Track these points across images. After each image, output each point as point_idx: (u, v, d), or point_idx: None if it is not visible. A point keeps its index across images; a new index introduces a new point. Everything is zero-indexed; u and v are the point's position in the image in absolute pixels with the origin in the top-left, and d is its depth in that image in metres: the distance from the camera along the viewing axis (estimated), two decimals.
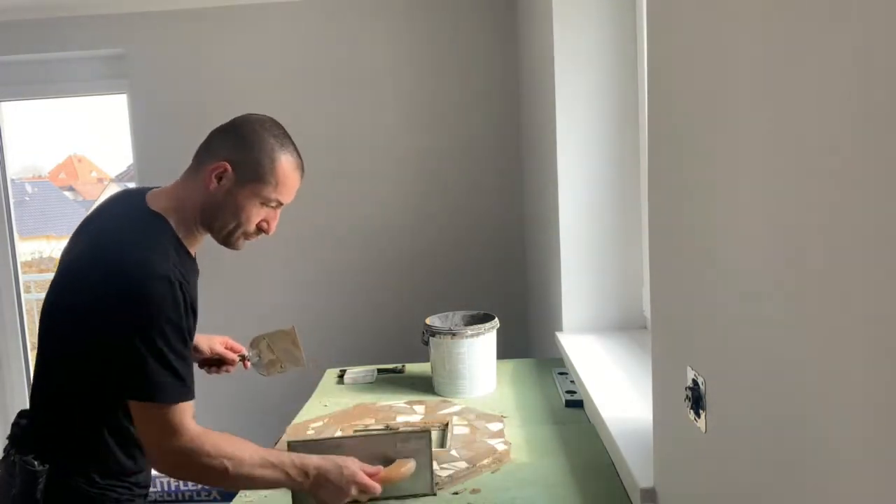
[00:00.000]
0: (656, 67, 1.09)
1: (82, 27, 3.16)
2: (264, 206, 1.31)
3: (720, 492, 0.89)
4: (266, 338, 1.69)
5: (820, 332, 0.62)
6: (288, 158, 1.30)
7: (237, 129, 1.31)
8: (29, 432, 1.28)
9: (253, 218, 1.31)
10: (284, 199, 1.33)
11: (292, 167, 1.31)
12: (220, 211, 1.29)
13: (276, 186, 1.29)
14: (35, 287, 5.35)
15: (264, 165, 1.27)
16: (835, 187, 0.59)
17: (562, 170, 2.02)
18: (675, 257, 1.04)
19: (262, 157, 1.27)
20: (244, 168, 1.27)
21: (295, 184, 1.33)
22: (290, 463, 1.21)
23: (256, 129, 1.30)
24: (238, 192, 1.28)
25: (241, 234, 1.33)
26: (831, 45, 0.58)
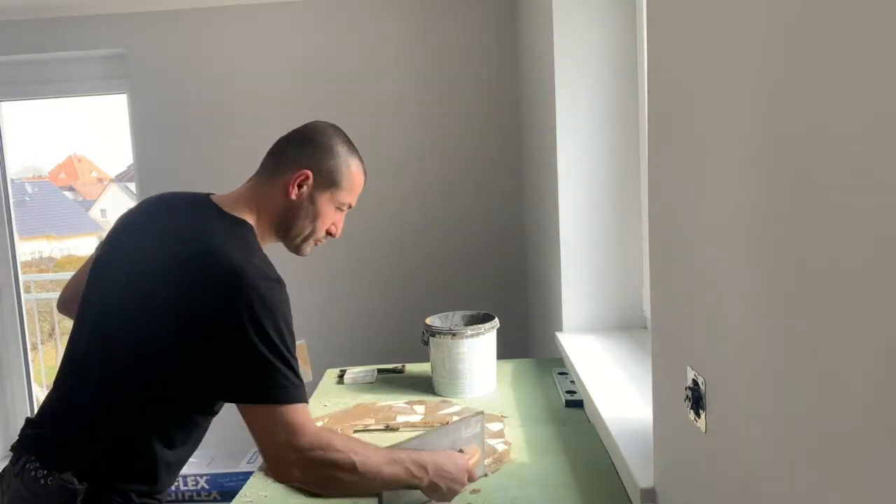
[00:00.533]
0: (656, 67, 1.09)
1: (82, 27, 3.16)
2: (338, 210, 1.37)
3: (720, 492, 0.89)
4: None
5: (820, 331, 0.62)
6: (357, 163, 1.38)
7: (313, 138, 1.35)
8: (65, 447, 1.17)
9: (327, 223, 1.37)
10: (353, 203, 1.40)
11: (360, 171, 1.39)
12: (299, 218, 1.33)
13: (350, 191, 1.36)
14: (35, 287, 5.35)
15: (341, 171, 1.34)
16: (835, 187, 0.59)
17: (562, 170, 2.02)
18: (675, 257, 1.04)
19: (339, 163, 1.34)
20: (324, 175, 1.32)
21: (361, 186, 1.40)
22: (409, 459, 1.19)
23: (331, 135, 1.36)
24: (318, 198, 1.33)
25: (313, 240, 1.38)
26: (831, 46, 0.58)
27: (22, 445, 1.22)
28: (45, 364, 5.24)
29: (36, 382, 3.80)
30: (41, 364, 4.92)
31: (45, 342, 5.82)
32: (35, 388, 3.73)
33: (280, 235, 1.35)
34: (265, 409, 1.13)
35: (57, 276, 8.71)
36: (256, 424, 1.14)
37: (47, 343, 6.06)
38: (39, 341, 4.45)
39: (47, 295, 5.19)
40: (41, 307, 5.20)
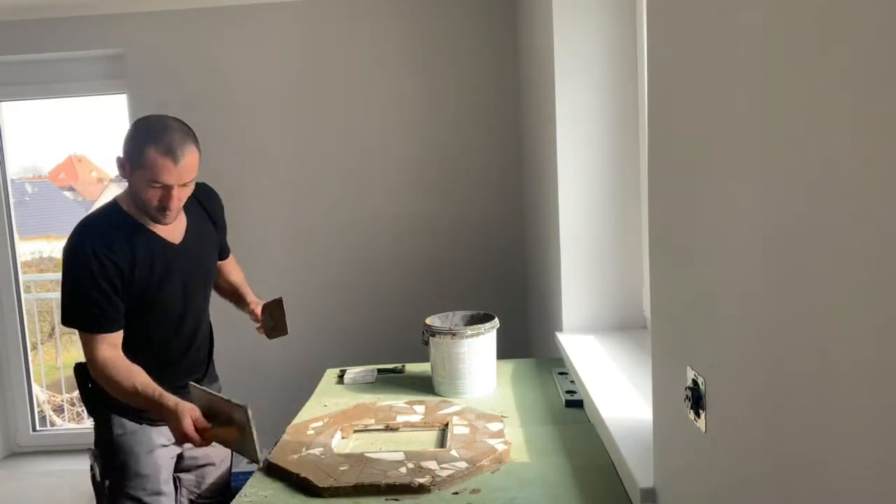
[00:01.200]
0: (656, 68, 1.09)
1: (82, 27, 3.16)
2: (152, 188, 1.58)
3: (720, 492, 0.89)
4: (268, 306, 2.01)
5: (819, 331, 0.62)
6: (156, 146, 1.56)
7: (129, 128, 1.64)
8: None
9: (150, 198, 1.60)
10: (164, 181, 1.58)
11: (159, 154, 1.56)
12: (134, 195, 1.63)
13: (150, 169, 1.56)
14: (35, 287, 5.35)
15: (138, 155, 1.58)
16: (835, 187, 0.59)
17: (562, 170, 2.02)
18: (675, 257, 1.04)
19: (136, 148, 1.58)
20: (130, 159, 1.59)
21: (165, 167, 1.57)
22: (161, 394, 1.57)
23: (137, 126, 1.62)
24: (132, 179, 1.61)
25: (151, 212, 1.62)
26: (832, 45, 0.58)
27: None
28: (45, 364, 5.24)
29: (36, 382, 3.80)
30: (41, 364, 4.92)
31: (45, 342, 5.82)
32: (35, 388, 3.73)
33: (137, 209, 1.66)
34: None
35: (57, 275, 8.71)
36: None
37: (47, 343, 6.06)
38: (39, 341, 4.45)
39: (47, 295, 5.19)
40: (41, 307, 5.21)
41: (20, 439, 3.57)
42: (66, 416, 5.30)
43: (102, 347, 1.61)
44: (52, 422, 5.25)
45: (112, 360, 1.61)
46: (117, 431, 1.71)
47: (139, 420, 1.71)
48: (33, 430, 3.59)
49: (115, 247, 1.61)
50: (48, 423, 5.00)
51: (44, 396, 5.08)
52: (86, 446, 1.75)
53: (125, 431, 1.71)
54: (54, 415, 5.45)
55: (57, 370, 5.07)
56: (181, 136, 1.60)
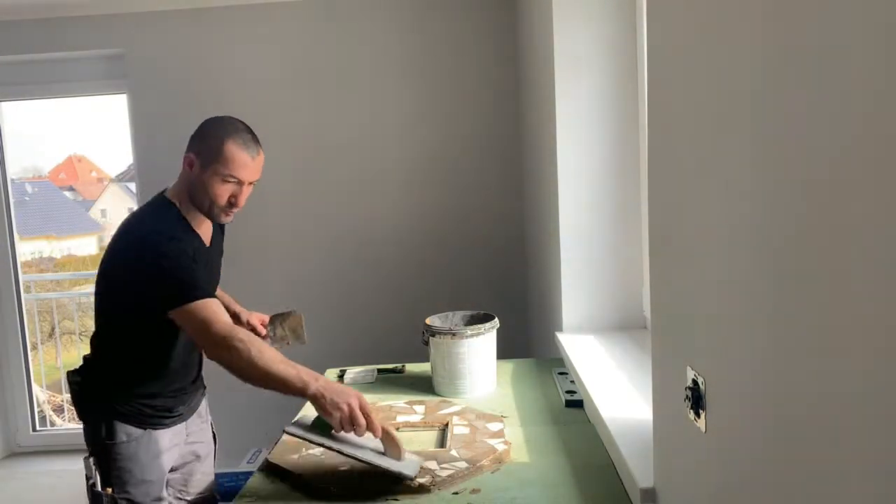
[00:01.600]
0: (656, 68, 1.09)
1: (82, 27, 3.16)
2: (226, 182, 1.62)
3: (720, 492, 0.89)
4: (279, 318, 2.02)
5: (820, 331, 0.62)
6: (234, 140, 1.61)
7: (199, 127, 1.67)
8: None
9: (221, 194, 1.63)
10: (240, 176, 1.62)
11: (238, 148, 1.61)
12: (196, 191, 1.64)
13: (228, 164, 1.60)
14: (35, 287, 5.35)
15: (214, 148, 1.61)
16: (835, 188, 0.59)
17: (562, 170, 2.02)
18: (675, 257, 1.04)
19: (214, 142, 1.61)
20: (203, 154, 1.62)
21: (243, 161, 1.61)
22: (303, 368, 1.46)
23: (211, 122, 1.66)
24: (203, 174, 1.62)
25: (217, 209, 1.65)
26: (832, 44, 0.58)
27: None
28: (45, 364, 5.24)
29: (36, 382, 3.80)
30: (41, 364, 4.92)
31: (45, 342, 5.82)
32: (35, 388, 3.73)
33: (196, 207, 1.67)
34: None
35: (57, 276, 8.72)
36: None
37: (47, 343, 6.06)
38: (39, 341, 4.45)
39: (47, 295, 5.19)
40: (41, 307, 5.20)
41: (20, 439, 3.57)
42: (66, 416, 5.30)
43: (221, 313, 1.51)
44: (52, 422, 5.25)
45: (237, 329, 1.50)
46: (121, 438, 1.66)
47: (144, 426, 1.69)
48: (33, 430, 3.60)
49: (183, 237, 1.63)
50: (48, 423, 5.00)
51: (44, 396, 5.08)
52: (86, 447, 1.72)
53: (129, 438, 1.67)
54: (54, 415, 5.45)
55: (57, 370, 5.08)
56: (253, 137, 1.66)
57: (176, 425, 1.77)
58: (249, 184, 1.65)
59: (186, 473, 1.86)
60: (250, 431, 2.98)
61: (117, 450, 1.66)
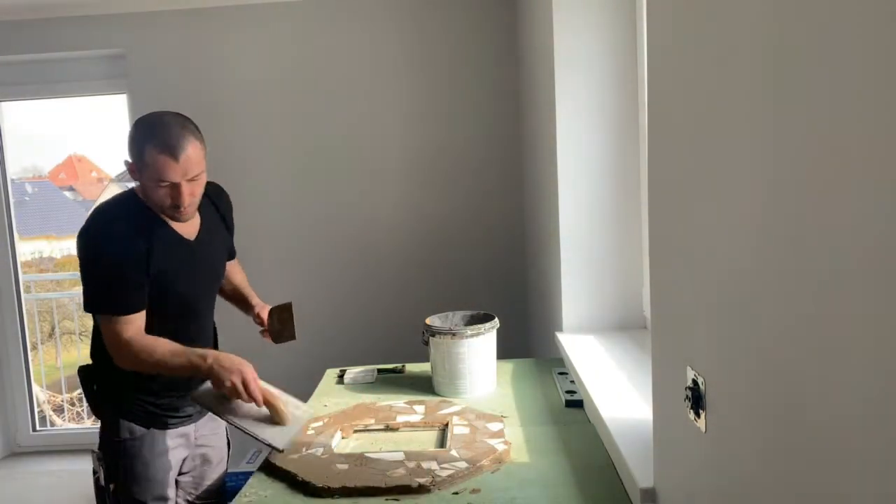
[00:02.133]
0: (656, 68, 1.09)
1: (82, 27, 3.16)
2: (160, 187, 1.57)
3: (720, 492, 0.89)
4: (276, 310, 1.99)
5: (819, 331, 0.62)
6: (153, 144, 1.54)
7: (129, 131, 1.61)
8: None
9: (161, 197, 1.59)
10: (169, 178, 1.55)
11: (157, 151, 1.54)
12: (145, 195, 1.62)
13: (153, 170, 1.55)
14: (35, 287, 5.36)
15: (138, 156, 1.57)
16: (836, 188, 0.59)
17: (562, 170, 2.02)
18: (675, 257, 1.04)
19: (136, 149, 1.57)
20: (134, 161, 1.58)
21: (167, 165, 1.54)
22: (191, 352, 1.58)
23: (135, 127, 1.59)
24: (142, 180, 1.59)
25: (167, 211, 1.62)
26: (832, 43, 0.58)
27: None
28: (45, 364, 5.24)
29: (36, 382, 3.80)
30: (41, 364, 4.92)
31: (45, 342, 5.82)
32: (35, 388, 3.73)
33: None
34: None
35: (57, 276, 8.72)
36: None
37: (47, 343, 6.06)
38: (39, 341, 4.45)
39: (47, 295, 5.19)
40: (41, 307, 5.20)
41: (20, 439, 3.57)
42: (66, 416, 5.30)
43: (126, 329, 1.58)
44: (52, 422, 5.25)
45: (137, 338, 1.58)
46: (125, 435, 1.68)
47: (147, 425, 1.69)
48: (33, 430, 3.59)
49: (133, 232, 1.59)
50: (48, 423, 5.00)
51: (44, 396, 5.08)
52: (86, 446, 1.73)
53: (133, 436, 1.68)
54: (54, 415, 5.45)
55: (57, 370, 5.07)
56: (179, 131, 1.56)
57: (184, 426, 1.77)
58: (188, 181, 1.57)
59: (198, 477, 1.86)
60: None
61: (121, 447, 1.68)
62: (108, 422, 1.70)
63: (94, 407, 1.75)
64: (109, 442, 1.70)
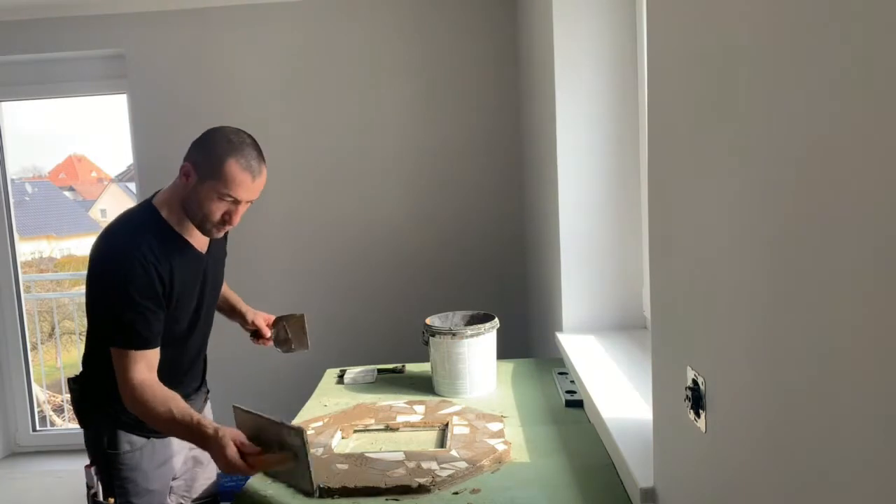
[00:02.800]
0: (656, 68, 1.09)
1: (82, 27, 3.16)
2: (222, 200, 1.54)
3: (720, 492, 0.89)
4: (283, 320, 1.97)
5: (819, 331, 0.62)
6: (237, 159, 1.52)
7: (202, 139, 1.57)
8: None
9: (214, 211, 1.55)
10: (238, 196, 1.53)
11: (240, 168, 1.52)
12: (190, 203, 1.56)
13: (227, 183, 1.51)
14: (35, 287, 5.36)
15: (215, 165, 1.51)
16: (836, 188, 0.59)
17: (562, 170, 2.02)
18: (675, 257, 1.04)
19: (214, 158, 1.52)
20: (202, 168, 1.53)
21: (243, 182, 1.53)
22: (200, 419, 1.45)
23: (215, 135, 1.55)
24: (199, 188, 1.53)
25: (209, 225, 1.57)
26: (833, 43, 0.58)
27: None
28: (45, 364, 5.25)
29: (36, 382, 3.80)
30: (41, 364, 4.92)
31: (45, 342, 5.83)
32: (35, 388, 3.73)
33: (188, 218, 1.59)
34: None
35: (57, 276, 8.72)
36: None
37: (47, 343, 6.07)
38: (39, 341, 4.45)
39: (47, 295, 5.19)
40: (41, 307, 5.21)
41: (20, 439, 3.57)
42: (66, 416, 5.30)
43: (139, 368, 1.49)
44: (52, 422, 5.25)
45: (149, 384, 1.48)
46: (124, 448, 1.62)
47: (147, 434, 1.64)
48: (33, 430, 3.59)
49: (160, 258, 1.52)
50: (48, 423, 5.01)
51: (44, 396, 5.09)
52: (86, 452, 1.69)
53: (133, 447, 1.62)
54: (54, 415, 5.46)
55: (57, 370, 5.08)
56: (258, 155, 1.56)
57: None
58: (247, 202, 1.57)
59: (189, 479, 1.82)
60: None
61: (120, 459, 1.62)
62: (102, 434, 1.62)
63: (83, 419, 1.67)
64: (106, 455, 1.62)
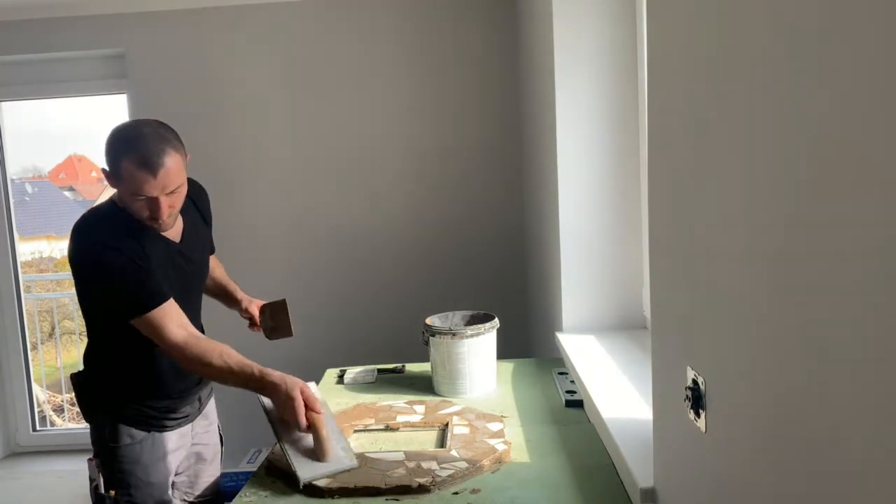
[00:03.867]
0: (656, 67, 1.09)
1: (82, 27, 3.16)
2: (137, 200, 1.52)
3: (720, 492, 0.89)
4: (268, 307, 2.00)
5: (819, 331, 0.62)
6: (130, 159, 1.48)
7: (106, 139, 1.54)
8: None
9: (138, 209, 1.54)
10: (147, 193, 1.50)
11: (135, 167, 1.48)
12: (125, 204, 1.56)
13: (129, 183, 1.50)
14: (35, 287, 5.36)
15: (115, 170, 1.51)
16: (836, 188, 0.59)
17: (562, 170, 2.02)
18: (675, 257, 1.04)
19: (112, 162, 1.51)
20: (110, 173, 1.53)
21: (144, 179, 1.48)
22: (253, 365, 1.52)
23: (111, 137, 1.53)
24: (119, 191, 1.56)
25: (146, 222, 1.56)
26: (834, 44, 0.58)
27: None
28: (45, 364, 5.24)
29: (36, 382, 3.80)
30: (41, 364, 4.92)
31: (45, 342, 5.83)
32: (35, 387, 3.73)
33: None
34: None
35: (57, 276, 8.72)
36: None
37: (47, 343, 6.06)
38: (39, 341, 4.45)
39: (47, 295, 5.19)
40: (41, 307, 5.21)
41: (20, 439, 3.57)
42: (66, 415, 5.30)
43: (172, 329, 1.52)
44: (52, 422, 5.25)
45: (192, 341, 1.52)
46: (125, 441, 1.65)
47: (148, 428, 1.67)
48: (33, 430, 3.59)
49: (128, 240, 1.54)
50: (48, 423, 5.00)
51: (44, 396, 5.08)
52: (86, 446, 1.70)
53: (133, 441, 1.66)
54: (54, 415, 5.46)
55: (57, 370, 5.08)
56: (156, 143, 1.49)
57: (182, 427, 1.76)
58: (167, 194, 1.52)
59: (192, 476, 1.84)
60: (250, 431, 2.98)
61: (121, 452, 1.65)
62: (104, 427, 1.66)
63: (87, 414, 1.70)
64: (107, 448, 1.66)
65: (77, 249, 1.56)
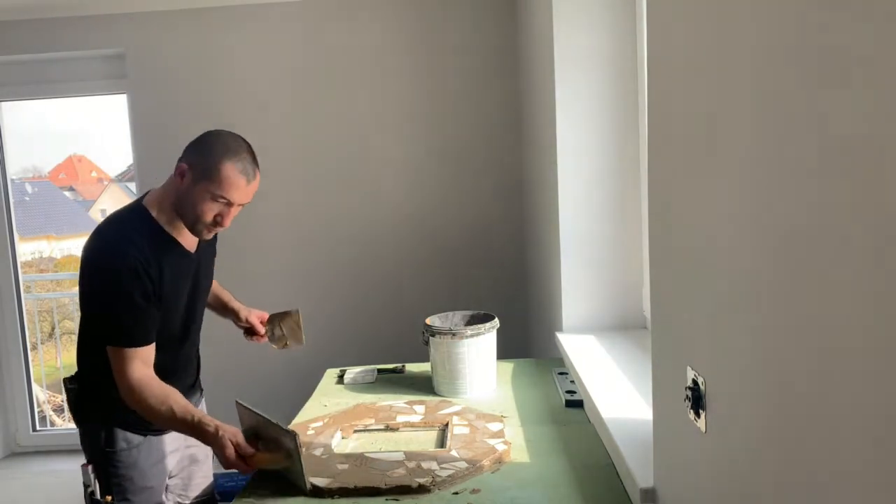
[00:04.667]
0: (656, 67, 1.09)
1: (82, 27, 3.16)
2: (215, 202, 1.55)
3: (720, 492, 0.89)
4: (278, 317, 1.99)
5: (819, 331, 0.62)
6: (233, 161, 1.54)
7: (200, 138, 1.60)
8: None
9: (207, 212, 1.56)
10: (231, 198, 1.56)
11: (235, 171, 1.55)
12: (183, 204, 1.58)
13: (221, 185, 1.54)
14: (35, 287, 5.36)
15: (211, 167, 1.54)
16: (836, 188, 0.59)
17: (562, 170, 2.02)
18: (675, 257, 1.04)
19: (210, 159, 1.54)
20: (198, 169, 1.55)
21: (238, 185, 1.55)
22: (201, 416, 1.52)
23: (213, 138, 1.58)
24: (193, 189, 1.55)
25: (200, 226, 1.59)
26: (833, 44, 0.58)
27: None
28: (45, 364, 5.25)
29: (36, 382, 3.80)
30: (41, 364, 4.92)
31: (45, 342, 5.83)
32: (35, 387, 3.73)
33: (179, 219, 1.60)
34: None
35: (57, 276, 8.73)
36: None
37: (47, 343, 6.07)
38: (39, 341, 4.45)
39: (47, 295, 5.19)
40: (41, 307, 5.21)
41: (20, 439, 3.57)
42: (66, 416, 5.30)
43: (135, 366, 1.52)
44: (52, 422, 5.25)
45: (147, 381, 1.52)
46: (121, 446, 1.63)
47: (143, 432, 1.66)
48: (33, 430, 3.60)
49: (149, 259, 1.54)
50: (48, 423, 5.01)
51: (44, 396, 5.09)
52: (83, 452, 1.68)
53: (129, 445, 1.64)
54: (54, 415, 5.46)
55: (57, 370, 5.08)
56: (253, 160, 1.59)
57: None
58: (239, 206, 1.59)
59: (186, 478, 1.83)
60: None
61: (117, 457, 1.63)
62: (99, 432, 1.64)
63: (80, 418, 1.68)
64: (102, 453, 1.64)
65: (94, 252, 1.57)
